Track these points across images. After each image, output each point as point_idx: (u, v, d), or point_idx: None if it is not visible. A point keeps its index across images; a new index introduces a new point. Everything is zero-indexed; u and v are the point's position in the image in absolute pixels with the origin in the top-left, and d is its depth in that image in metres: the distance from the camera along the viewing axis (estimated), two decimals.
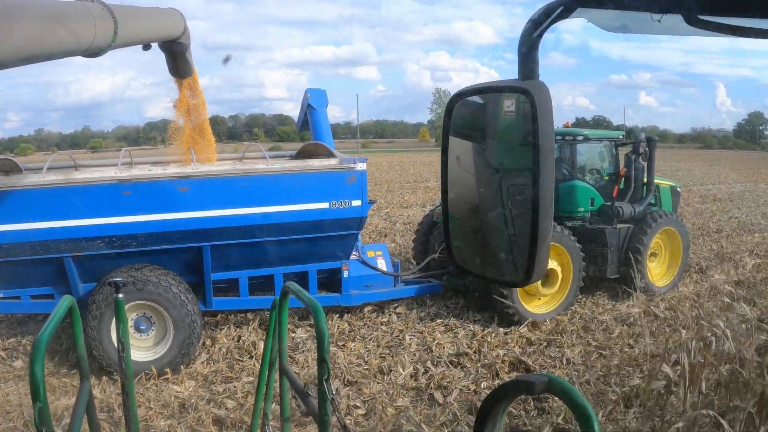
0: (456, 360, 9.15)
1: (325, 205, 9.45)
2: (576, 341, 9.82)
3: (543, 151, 1.46)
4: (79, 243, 8.51)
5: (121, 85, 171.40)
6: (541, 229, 1.50)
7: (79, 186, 8.43)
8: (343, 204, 9.51)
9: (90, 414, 3.91)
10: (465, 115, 1.73)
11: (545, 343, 9.82)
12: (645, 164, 12.40)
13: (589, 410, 1.66)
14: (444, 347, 9.61)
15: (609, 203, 12.06)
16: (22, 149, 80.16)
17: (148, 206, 8.69)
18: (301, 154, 10.89)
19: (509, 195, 1.67)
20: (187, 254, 9.17)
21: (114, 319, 8.38)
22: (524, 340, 9.97)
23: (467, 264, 1.85)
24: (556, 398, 1.74)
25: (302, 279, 9.91)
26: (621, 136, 13.05)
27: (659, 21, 1.38)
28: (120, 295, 4.56)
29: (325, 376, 3.10)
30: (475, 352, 9.36)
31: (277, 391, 4.25)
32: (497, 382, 8.36)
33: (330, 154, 10.08)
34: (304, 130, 12.93)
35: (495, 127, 1.76)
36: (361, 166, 9.56)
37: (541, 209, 1.48)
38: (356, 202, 9.59)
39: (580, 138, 12.14)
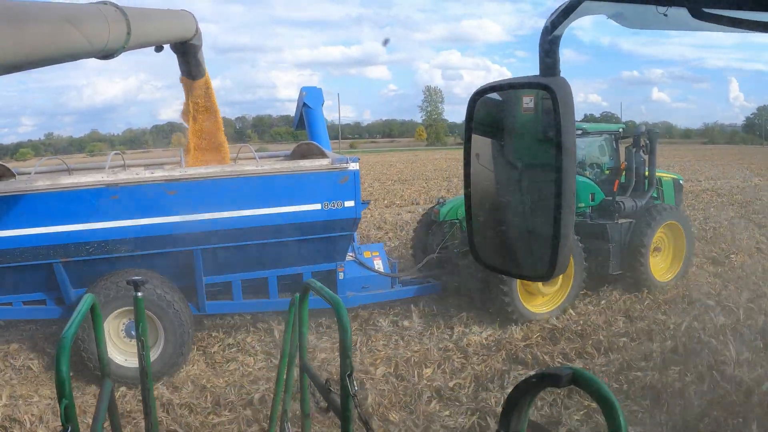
0: (463, 359, 9.27)
1: (317, 206, 9.44)
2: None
3: (565, 147, 1.52)
4: (68, 248, 8.55)
5: (134, 88, 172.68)
6: (563, 224, 1.56)
7: (66, 191, 8.45)
8: (336, 205, 9.50)
9: (112, 412, 4.00)
10: (485, 112, 1.78)
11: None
12: (646, 157, 12.47)
13: (615, 402, 1.72)
14: (448, 346, 9.72)
15: (610, 198, 12.11)
16: (21, 154, 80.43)
17: (136, 210, 8.73)
18: (296, 154, 10.92)
19: (529, 191, 1.73)
20: (179, 258, 9.21)
21: (105, 327, 8.54)
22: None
23: (489, 259, 1.92)
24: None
25: (297, 281, 9.94)
26: (621, 129, 13.09)
27: (665, 14, 1.44)
28: (139, 294, 4.62)
29: (348, 372, 3.18)
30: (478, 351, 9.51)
31: (295, 388, 4.33)
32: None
33: (322, 154, 10.12)
34: (300, 129, 12.97)
35: (514, 124, 1.82)
36: (353, 166, 9.54)
37: (563, 203, 1.54)
38: (349, 203, 9.58)
39: (579, 132, 12.14)
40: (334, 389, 3.54)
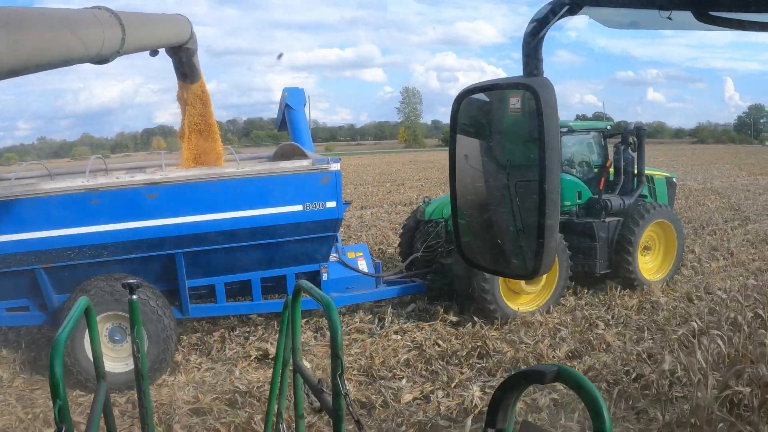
0: (447, 358, 9.37)
1: (298, 207, 9.45)
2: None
3: (548, 146, 1.57)
4: (49, 254, 8.55)
5: (130, 91, 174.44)
6: (548, 223, 1.60)
7: (46, 196, 8.46)
8: (318, 206, 9.52)
9: (107, 413, 4.05)
10: (471, 113, 1.83)
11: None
12: (635, 155, 12.55)
13: (600, 399, 1.75)
14: (432, 346, 9.81)
15: (597, 196, 12.21)
16: (6, 159, 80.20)
17: (117, 215, 8.74)
18: (278, 156, 10.94)
19: (516, 191, 1.77)
20: (161, 262, 9.24)
21: (87, 331, 8.55)
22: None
23: (476, 259, 1.97)
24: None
25: (280, 283, 10.05)
26: (608, 127, 13.16)
27: (669, 18, 1.48)
28: (134, 296, 4.67)
29: (339, 372, 3.23)
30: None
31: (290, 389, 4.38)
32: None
33: (303, 155, 10.16)
34: (283, 130, 13.03)
35: (501, 124, 1.86)
36: (335, 167, 9.56)
37: (547, 203, 1.58)
38: (331, 204, 9.60)
39: (565, 130, 12.21)
40: (326, 389, 3.59)
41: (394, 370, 9.04)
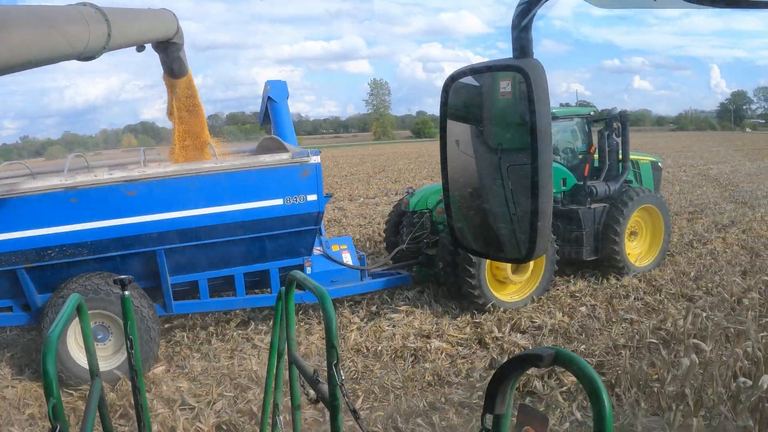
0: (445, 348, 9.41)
1: (279, 201, 9.48)
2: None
3: (540, 128, 1.57)
4: (29, 254, 8.56)
5: (116, 88, 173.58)
6: (541, 206, 1.60)
7: (24, 196, 8.45)
8: (298, 199, 9.53)
9: (102, 411, 4.07)
10: (461, 97, 1.82)
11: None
12: (619, 140, 12.59)
13: (599, 382, 1.76)
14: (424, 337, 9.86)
15: (582, 183, 12.24)
16: None
17: (96, 213, 8.72)
18: (260, 149, 10.92)
19: (509, 175, 1.77)
20: (142, 259, 9.22)
21: (70, 331, 8.55)
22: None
23: (470, 244, 1.97)
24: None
25: (264, 278, 10.09)
26: (592, 113, 13.19)
27: None
28: (126, 293, 4.66)
29: (334, 362, 3.23)
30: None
31: (286, 380, 4.38)
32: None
33: (283, 148, 10.16)
34: (266, 124, 13.02)
35: (492, 108, 1.85)
36: (315, 159, 9.56)
37: (540, 186, 1.59)
38: (312, 197, 9.62)
39: None
40: (322, 379, 3.60)
41: None
